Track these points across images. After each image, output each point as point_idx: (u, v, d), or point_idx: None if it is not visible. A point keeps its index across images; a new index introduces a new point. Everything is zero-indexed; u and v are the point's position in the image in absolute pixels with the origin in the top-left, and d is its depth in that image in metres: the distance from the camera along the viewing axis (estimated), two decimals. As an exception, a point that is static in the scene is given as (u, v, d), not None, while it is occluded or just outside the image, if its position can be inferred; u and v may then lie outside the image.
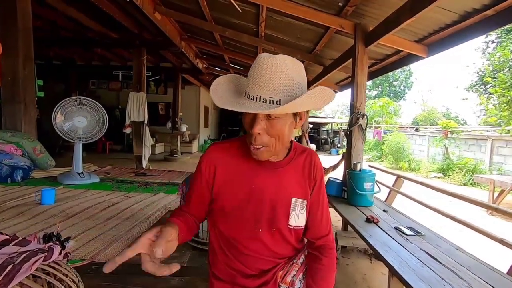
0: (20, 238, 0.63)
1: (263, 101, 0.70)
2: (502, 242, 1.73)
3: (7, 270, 0.50)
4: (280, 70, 0.71)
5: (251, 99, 0.71)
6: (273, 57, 0.72)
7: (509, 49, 5.28)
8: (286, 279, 0.86)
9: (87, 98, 3.62)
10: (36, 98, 4.33)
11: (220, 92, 0.80)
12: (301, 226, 0.88)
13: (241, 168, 0.84)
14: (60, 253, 0.60)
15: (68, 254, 0.66)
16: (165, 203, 2.87)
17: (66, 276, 0.60)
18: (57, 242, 0.63)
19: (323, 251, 0.90)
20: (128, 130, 6.09)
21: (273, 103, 0.70)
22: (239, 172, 0.84)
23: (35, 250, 0.57)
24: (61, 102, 3.40)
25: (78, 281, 0.66)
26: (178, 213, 0.86)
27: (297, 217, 0.86)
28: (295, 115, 0.79)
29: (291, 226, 0.85)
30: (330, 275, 0.88)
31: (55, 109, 3.34)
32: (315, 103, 0.74)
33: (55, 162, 4.15)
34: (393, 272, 1.62)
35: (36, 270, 0.54)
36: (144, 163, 5.96)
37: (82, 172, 3.69)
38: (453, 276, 1.54)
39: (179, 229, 0.72)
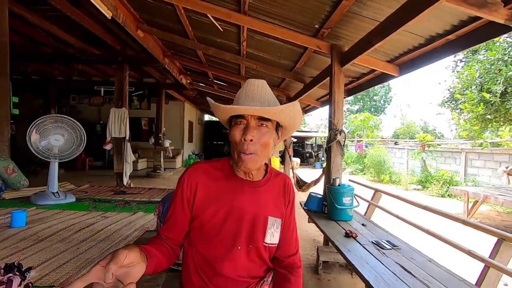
0: (-24, 271, 0.62)
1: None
2: (469, 253, 1.81)
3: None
4: (265, 89, 0.89)
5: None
6: (258, 80, 0.90)
7: (475, 68, 5.68)
8: None
9: (64, 116, 3.53)
10: (10, 114, 4.19)
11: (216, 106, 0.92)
12: (275, 244, 0.93)
13: (222, 187, 0.89)
14: (20, 284, 0.59)
15: (30, 284, 0.65)
16: (143, 223, 2.79)
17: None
18: (18, 273, 0.62)
19: (291, 270, 0.95)
20: (108, 147, 5.96)
21: None
22: (219, 191, 0.88)
23: (-9, 283, 0.56)
24: (36, 120, 3.30)
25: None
26: (151, 240, 0.86)
27: (272, 235, 0.91)
28: (276, 131, 0.90)
29: (267, 244, 0.90)
30: None
31: (30, 127, 3.24)
32: (293, 114, 0.87)
33: (29, 181, 3.98)
34: (368, 287, 1.65)
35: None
36: (125, 180, 5.81)
37: (57, 192, 3.55)
38: (425, 288, 1.58)
39: (146, 253, 0.70)
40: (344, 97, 4.37)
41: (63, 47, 6.18)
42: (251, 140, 0.81)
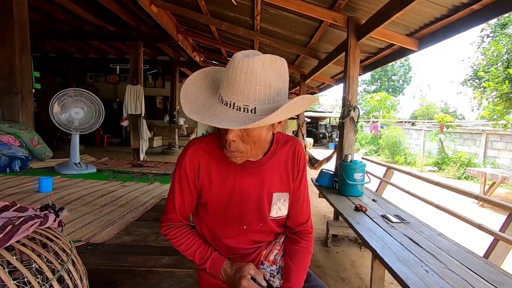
0: (19, 205, 0.71)
1: (237, 109, 0.65)
2: (479, 227, 1.82)
3: (7, 229, 0.58)
4: (256, 76, 0.64)
5: (224, 104, 0.67)
6: (249, 58, 0.64)
7: (502, 43, 5.32)
8: (269, 258, 0.91)
9: (83, 89, 3.66)
10: (33, 90, 4.37)
11: (193, 92, 0.74)
12: (283, 216, 0.91)
13: (222, 168, 0.82)
14: (54, 220, 0.68)
15: (63, 223, 0.74)
16: (159, 192, 2.96)
17: (59, 239, 0.67)
18: (52, 211, 0.70)
19: (302, 235, 0.94)
20: (125, 123, 6.15)
21: (247, 111, 0.65)
22: (220, 172, 0.83)
23: (32, 215, 0.65)
24: (58, 93, 3.44)
25: (72, 246, 0.73)
26: (197, 241, 0.89)
27: (279, 209, 0.89)
28: None
29: (273, 217, 0.89)
30: (307, 257, 0.93)
31: (52, 100, 3.39)
32: (293, 112, 0.70)
33: (52, 153, 4.21)
34: (375, 255, 1.70)
35: (32, 233, 0.62)
36: (142, 156, 6.03)
37: (79, 163, 3.75)
38: (431, 258, 1.62)
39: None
40: (360, 74, 4.26)
41: (80, 23, 6.25)
42: (234, 140, 0.71)
